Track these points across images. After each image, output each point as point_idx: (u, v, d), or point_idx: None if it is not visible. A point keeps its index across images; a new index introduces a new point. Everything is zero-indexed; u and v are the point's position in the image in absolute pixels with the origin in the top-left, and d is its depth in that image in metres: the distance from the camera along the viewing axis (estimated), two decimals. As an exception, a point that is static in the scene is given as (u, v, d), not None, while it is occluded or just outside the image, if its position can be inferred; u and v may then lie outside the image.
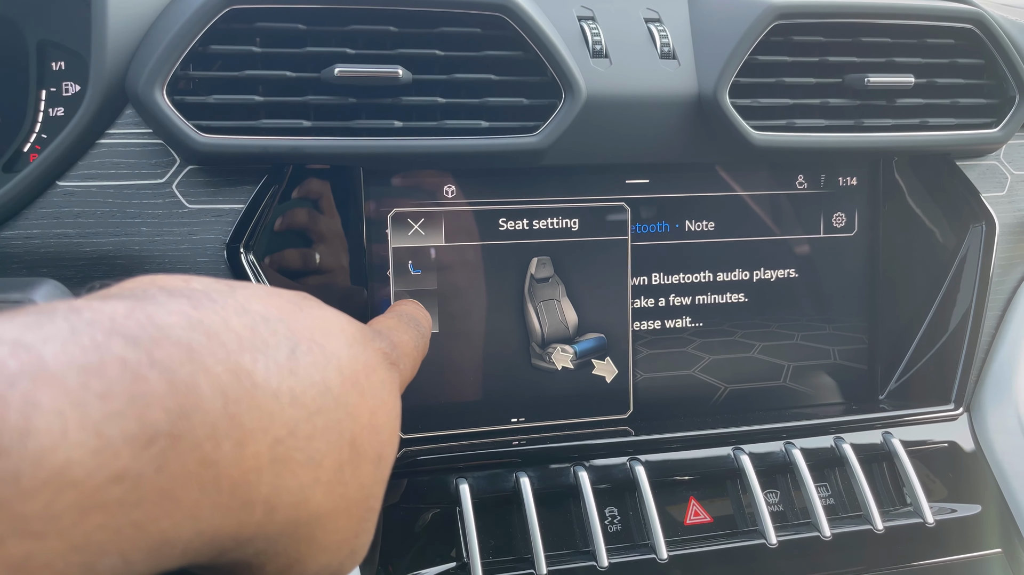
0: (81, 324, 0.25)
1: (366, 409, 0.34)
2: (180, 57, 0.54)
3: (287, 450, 0.29)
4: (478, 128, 0.59)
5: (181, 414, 0.25)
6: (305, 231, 0.60)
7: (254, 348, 0.29)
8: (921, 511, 0.63)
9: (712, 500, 0.63)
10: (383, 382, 0.37)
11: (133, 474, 0.24)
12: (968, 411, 0.70)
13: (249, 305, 0.32)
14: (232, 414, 0.27)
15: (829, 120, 0.66)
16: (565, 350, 0.66)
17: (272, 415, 0.29)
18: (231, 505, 0.27)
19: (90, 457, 0.23)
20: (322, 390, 0.31)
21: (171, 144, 0.56)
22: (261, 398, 0.28)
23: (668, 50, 0.64)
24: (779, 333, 0.70)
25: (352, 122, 0.58)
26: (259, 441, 0.28)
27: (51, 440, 0.22)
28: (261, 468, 0.28)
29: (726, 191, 0.68)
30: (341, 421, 0.32)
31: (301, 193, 0.60)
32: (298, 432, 0.30)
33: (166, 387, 0.25)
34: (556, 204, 0.65)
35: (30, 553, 0.22)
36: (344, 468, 0.32)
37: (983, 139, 0.69)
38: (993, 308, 0.71)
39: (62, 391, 0.23)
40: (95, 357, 0.24)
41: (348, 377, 0.33)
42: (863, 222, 0.72)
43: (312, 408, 0.31)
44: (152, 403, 0.25)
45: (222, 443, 0.26)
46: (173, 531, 0.25)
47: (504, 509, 0.59)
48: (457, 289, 0.63)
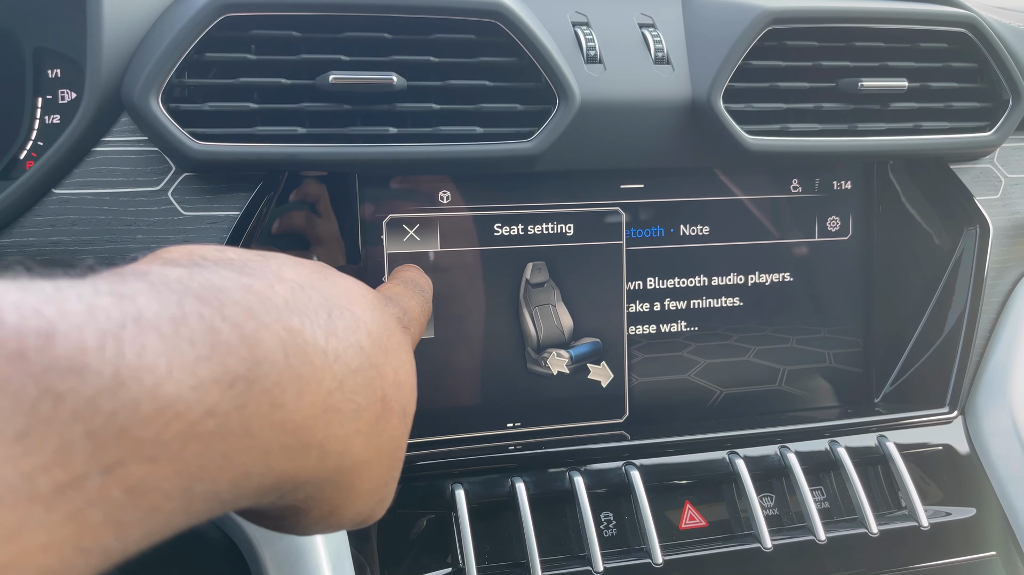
0: (158, 283, 0.28)
1: (391, 368, 0.37)
2: (175, 65, 0.54)
3: (336, 401, 0.32)
4: (473, 134, 0.60)
5: (254, 362, 0.28)
6: (301, 237, 0.60)
7: (298, 311, 0.32)
8: (916, 514, 0.63)
9: (707, 504, 0.63)
10: (400, 343, 0.40)
11: (222, 410, 0.26)
12: (963, 414, 0.70)
13: (283, 273, 0.34)
14: (292, 365, 0.30)
15: (823, 124, 0.66)
16: (560, 355, 0.66)
17: (323, 369, 0.32)
18: (295, 446, 0.30)
19: (189, 392, 0.25)
20: (357, 350, 0.34)
21: (166, 152, 0.56)
22: (312, 354, 0.31)
23: (662, 55, 0.64)
24: (774, 337, 0.70)
25: (347, 129, 0.58)
26: (314, 391, 0.31)
27: (160, 376, 0.25)
28: (316, 415, 0.31)
29: (721, 195, 0.69)
30: (374, 379, 0.35)
31: (296, 200, 0.60)
32: (345, 386, 0.33)
33: (238, 339, 0.28)
34: (551, 209, 0.65)
35: (145, 475, 0.24)
36: (378, 421, 0.35)
37: (977, 143, 0.69)
38: (987, 311, 0.72)
39: (160, 336, 0.25)
40: (178, 310, 0.27)
41: (375, 339, 0.37)
42: (858, 226, 0.72)
43: (353, 366, 0.34)
44: (230, 351, 0.27)
45: (287, 389, 0.29)
46: (251, 464, 0.28)
47: (500, 514, 0.59)
48: (452, 294, 0.64)
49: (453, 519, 0.57)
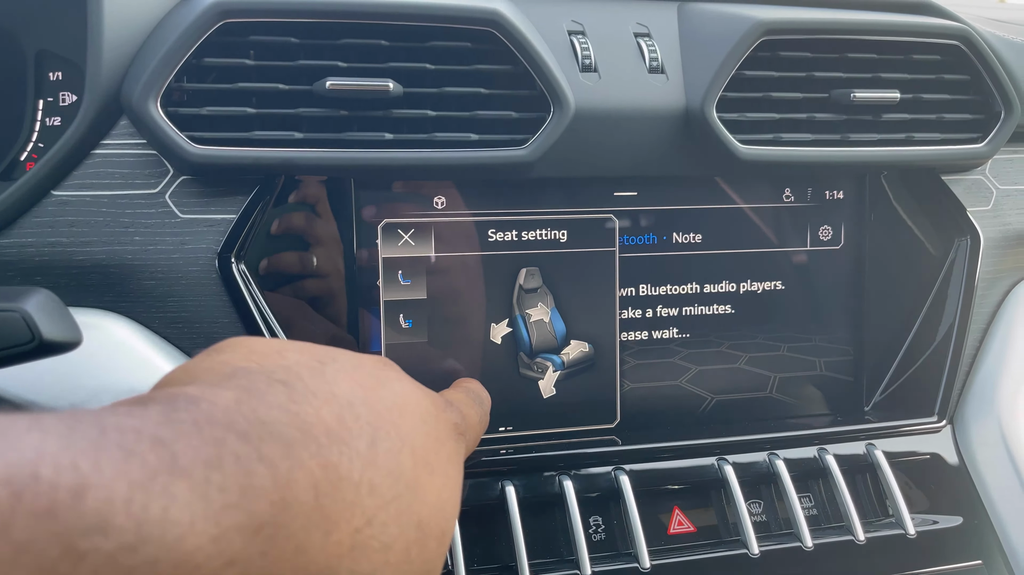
0: (202, 419, 0.28)
1: (433, 489, 0.36)
2: (175, 69, 0.55)
3: (364, 538, 0.31)
4: (468, 141, 0.60)
5: (283, 506, 0.28)
6: (296, 241, 0.61)
7: (340, 441, 0.32)
8: (903, 522, 0.63)
9: (696, 510, 0.64)
10: (450, 455, 0.39)
11: (243, 559, 0.26)
12: (952, 423, 0.71)
13: (337, 388, 0.34)
14: (322, 506, 0.29)
15: (816, 134, 0.67)
16: (551, 362, 0.67)
17: (353, 506, 0.31)
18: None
19: (210, 543, 0.25)
20: (396, 478, 0.34)
21: (164, 155, 0.57)
22: (345, 490, 0.31)
23: (657, 64, 0.65)
24: (766, 344, 0.71)
25: (343, 134, 0.58)
26: (342, 530, 0.30)
27: (183, 530, 0.25)
28: (342, 555, 0.30)
29: (713, 203, 0.69)
30: (411, 505, 0.34)
31: (293, 203, 0.61)
32: (375, 521, 0.32)
33: (271, 481, 0.28)
34: (545, 215, 0.66)
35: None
36: (411, 548, 0.34)
37: (969, 154, 0.70)
38: (977, 322, 0.72)
39: (190, 485, 0.25)
40: (215, 452, 0.27)
41: (420, 458, 0.36)
42: (849, 235, 0.73)
43: (388, 497, 0.33)
44: (260, 495, 0.27)
45: (312, 532, 0.29)
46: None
47: (490, 517, 0.59)
48: (446, 299, 0.64)
49: (443, 521, 0.58)
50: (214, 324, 0.58)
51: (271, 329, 0.58)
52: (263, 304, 0.59)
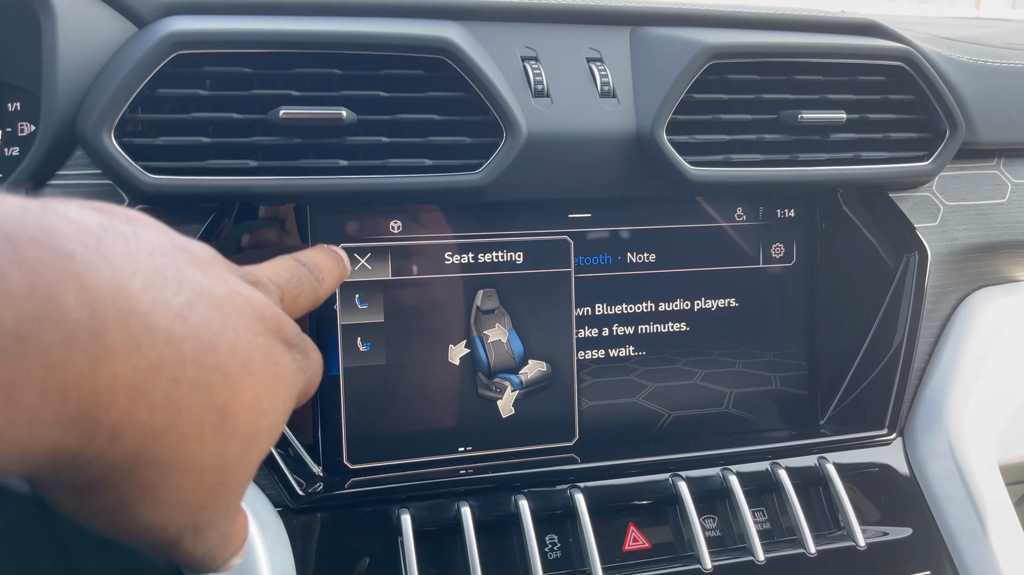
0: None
1: (251, 390, 0.34)
2: (128, 100, 0.56)
3: (147, 382, 0.29)
4: (422, 166, 0.61)
5: (33, 317, 0.26)
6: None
7: (150, 282, 0.30)
8: (853, 535, 0.65)
9: (651, 526, 0.65)
10: (281, 379, 0.36)
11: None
12: (902, 436, 0.72)
13: (172, 252, 0.32)
14: (94, 329, 0.27)
15: (765, 155, 0.68)
16: (509, 382, 0.68)
17: (140, 344, 0.29)
18: (76, 418, 0.27)
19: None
20: (206, 348, 0.31)
21: (120, 185, 0.57)
22: (134, 324, 0.28)
23: (608, 89, 0.66)
24: (721, 360, 0.72)
25: (298, 162, 0.59)
26: (119, 363, 0.28)
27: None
28: (115, 390, 0.28)
29: (667, 224, 0.71)
30: (216, 384, 0.32)
31: (248, 230, 0.62)
32: (162, 370, 0.29)
33: (23, 288, 0.25)
34: (501, 238, 0.67)
35: None
36: (206, 428, 0.32)
37: (915, 172, 0.72)
38: (926, 335, 0.74)
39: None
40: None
41: (242, 355, 0.33)
42: (801, 252, 0.74)
43: (187, 356, 0.30)
44: (3, 301, 0.25)
45: (76, 353, 0.27)
46: (10, 430, 0.25)
47: (446, 538, 0.60)
48: (404, 322, 0.65)
49: (399, 543, 0.59)
50: (170, 351, 0.58)
51: (227, 355, 0.59)
52: (219, 330, 0.59)
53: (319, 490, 0.61)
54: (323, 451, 0.64)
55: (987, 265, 0.77)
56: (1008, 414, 0.73)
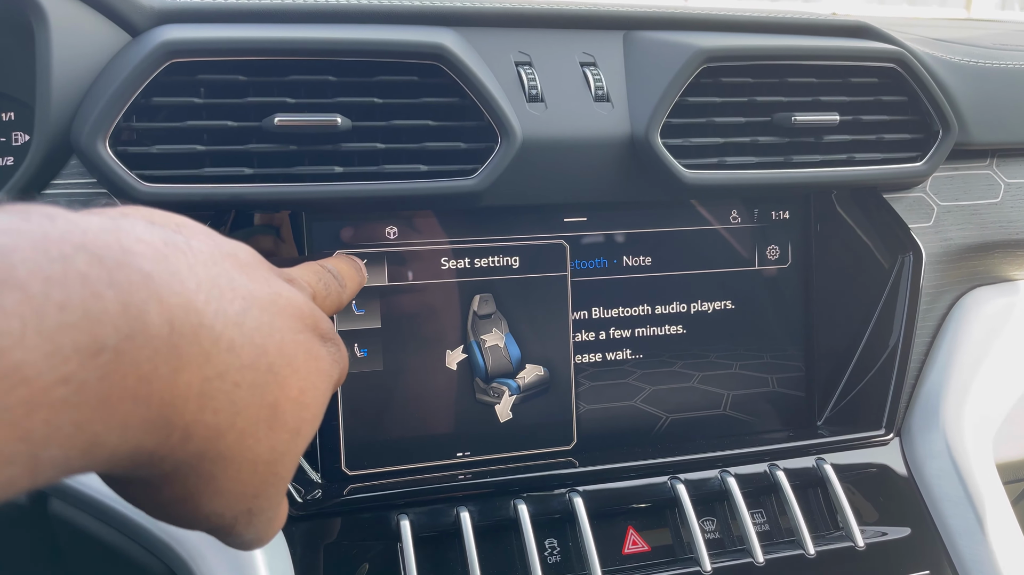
0: (54, 234, 0.27)
1: (296, 385, 0.37)
2: (122, 109, 0.56)
3: (214, 388, 0.32)
4: (417, 172, 0.61)
5: (128, 334, 0.28)
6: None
7: (209, 294, 0.32)
8: (852, 535, 0.65)
9: (651, 529, 0.65)
10: (320, 372, 0.39)
11: (78, 379, 0.26)
12: (899, 436, 0.72)
13: (221, 258, 0.35)
14: (174, 343, 0.30)
15: (759, 157, 0.68)
16: (507, 386, 0.68)
17: (208, 354, 0.31)
18: (156, 422, 0.30)
19: (42, 359, 0.25)
20: (260, 352, 0.34)
21: (115, 193, 0.57)
22: (203, 335, 0.31)
23: (602, 93, 0.67)
24: (718, 363, 0.72)
25: (293, 169, 0.59)
26: (192, 372, 0.31)
27: (10, 341, 0.25)
28: (188, 397, 0.31)
29: (662, 227, 0.71)
30: (268, 384, 0.35)
31: (244, 237, 0.61)
32: (227, 376, 0.32)
33: (119, 307, 0.28)
34: (496, 243, 0.67)
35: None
36: (260, 424, 0.35)
37: (908, 173, 0.72)
38: (922, 335, 0.74)
39: (25, 297, 0.25)
40: (60, 269, 0.26)
41: (288, 352, 0.36)
42: (796, 254, 0.75)
43: (245, 361, 0.33)
44: (104, 320, 0.27)
45: (160, 366, 0.29)
46: (105, 434, 0.28)
47: (446, 544, 0.60)
48: (401, 327, 0.65)
49: (399, 550, 0.59)
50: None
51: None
52: (216, 338, 0.59)
53: (318, 497, 0.60)
54: (321, 458, 0.64)
55: (981, 265, 0.78)
56: (1005, 413, 0.74)
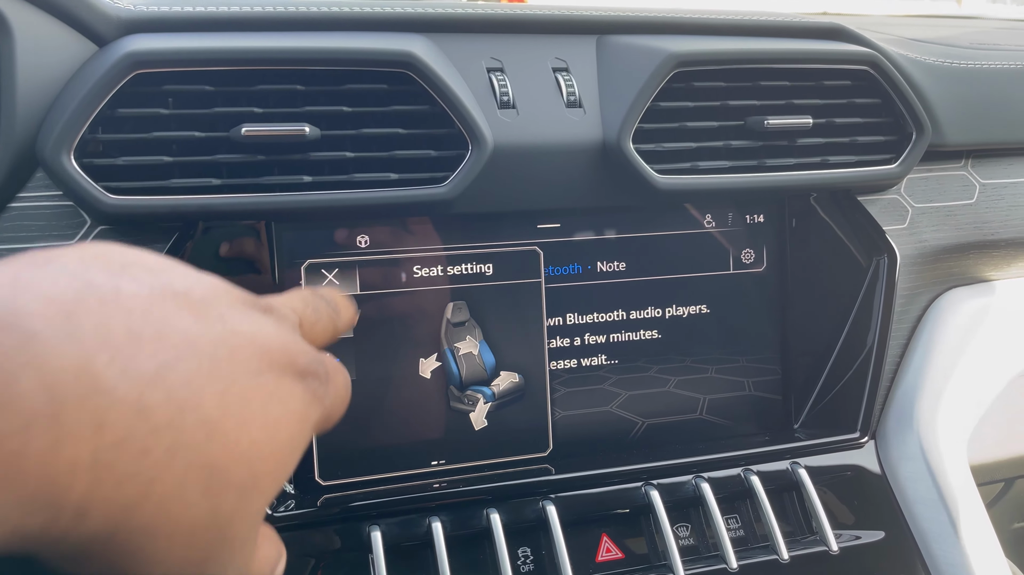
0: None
1: (246, 437, 0.32)
2: (87, 121, 0.55)
3: (111, 459, 0.28)
4: (387, 180, 0.61)
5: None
6: (220, 285, 0.61)
7: (118, 352, 0.29)
8: (826, 539, 0.65)
9: (625, 536, 0.65)
10: (288, 416, 0.35)
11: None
12: (875, 439, 0.73)
13: (159, 306, 0.31)
14: (53, 413, 0.26)
15: (732, 161, 0.68)
16: (481, 394, 0.67)
17: (103, 423, 0.28)
18: (36, 502, 0.27)
19: None
20: (186, 409, 0.30)
21: (81, 206, 0.57)
22: (96, 402, 0.28)
23: (574, 99, 0.66)
24: (694, 367, 0.72)
25: (262, 179, 0.59)
26: (79, 445, 0.27)
27: None
28: (76, 471, 0.27)
29: (636, 232, 0.71)
30: (198, 443, 0.30)
31: (213, 249, 0.61)
32: (130, 443, 0.28)
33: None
34: (469, 250, 0.67)
35: None
36: (190, 489, 0.30)
37: (882, 175, 0.72)
38: (898, 337, 0.74)
39: None
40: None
41: (233, 403, 0.32)
42: (771, 257, 0.74)
43: (159, 423, 0.29)
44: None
45: (34, 440, 0.26)
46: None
47: (418, 555, 0.60)
48: (373, 336, 0.65)
49: (370, 562, 0.58)
50: (135, 373, 0.58)
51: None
52: (185, 350, 0.59)
53: (290, 508, 0.60)
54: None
55: (957, 266, 0.78)
56: (980, 414, 0.74)
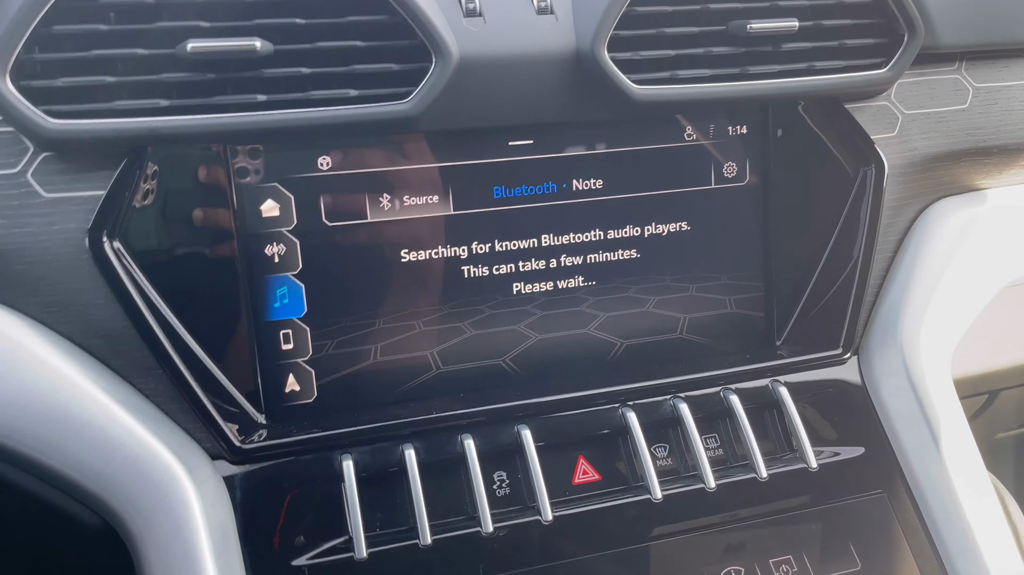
0: None
1: None
2: (21, 40, 0.52)
3: None
4: (347, 97, 0.58)
5: None
6: (173, 214, 0.59)
7: None
8: (805, 456, 0.64)
9: (602, 459, 0.64)
10: None
11: None
12: (857, 355, 0.71)
13: None
14: None
15: (714, 69, 0.65)
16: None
17: None
18: None
19: None
20: None
21: (21, 131, 0.54)
22: None
23: (545, 5, 0.62)
24: (674, 286, 0.70)
25: (213, 99, 0.56)
26: None
27: None
28: None
29: (613, 147, 0.68)
30: None
31: (165, 174, 0.58)
32: None
33: None
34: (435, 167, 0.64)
35: None
36: None
37: (872, 80, 0.68)
38: (883, 251, 0.72)
39: None
40: None
41: None
42: (754, 170, 0.72)
43: None
44: None
45: None
46: None
47: (392, 482, 0.59)
48: (333, 269, 0.63)
49: (343, 491, 0.58)
50: (91, 306, 0.56)
51: (151, 306, 0.57)
52: (144, 282, 0.57)
53: (261, 438, 0.59)
54: (264, 397, 0.62)
55: (947, 175, 0.75)
56: (966, 326, 0.72)
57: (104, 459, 0.52)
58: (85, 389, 0.54)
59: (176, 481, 0.53)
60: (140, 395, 0.57)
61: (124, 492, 0.52)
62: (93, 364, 0.56)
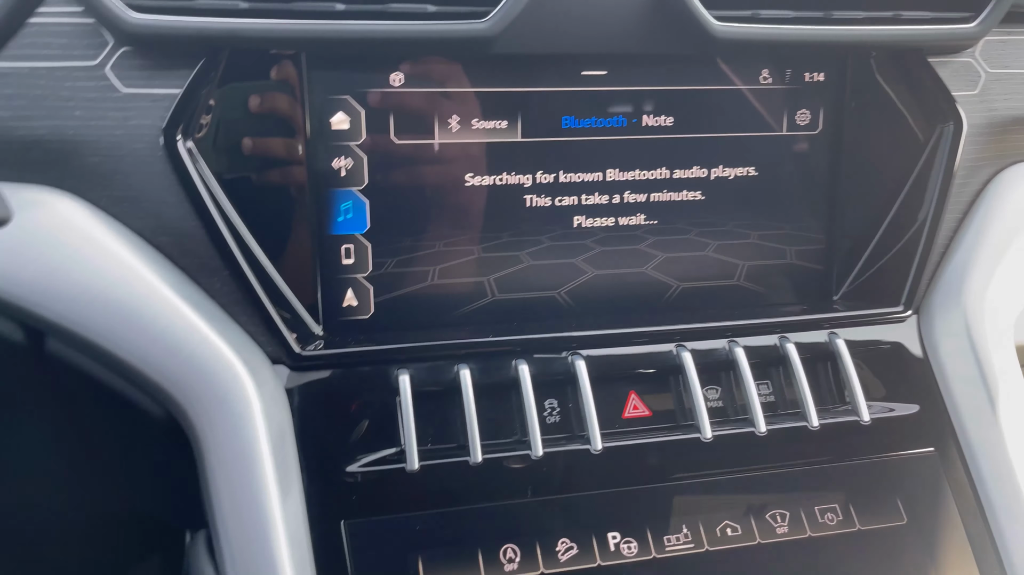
0: None
1: None
2: (108, -71, 0.52)
3: None
4: (424, 12, 0.57)
5: None
6: (247, 119, 0.59)
7: None
8: (858, 409, 0.64)
9: (653, 395, 0.64)
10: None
11: None
12: (918, 314, 0.70)
13: None
14: None
15: (796, 12, 0.63)
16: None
17: None
18: None
19: None
20: None
21: (103, 23, 0.54)
22: None
23: (630, -69, 0.61)
24: (735, 232, 0.70)
25: (292, 4, 0.55)
26: None
27: None
28: None
29: (686, 85, 0.66)
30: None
31: (242, 78, 0.58)
32: None
33: None
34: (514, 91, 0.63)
35: None
36: None
37: (958, 34, 0.66)
38: (954, 211, 0.70)
39: None
40: None
41: None
42: (828, 120, 0.70)
43: None
44: None
45: None
46: None
47: (445, 400, 0.60)
48: (398, 187, 0.62)
49: (398, 403, 0.58)
50: (161, 204, 0.56)
51: (220, 208, 0.57)
52: (212, 184, 0.57)
53: (319, 348, 0.60)
54: (323, 309, 0.62)
55: (1026, 139, 0.73)
56: (1031, 295, 0.71)
57: (170, 353, 0.53)
58: (153, 284, 0.54)
59: (238, 379, 0.54)
60: (205, 295, 0.57)
61: (188, 386, 0.53)
62: (162, 260, 0.56)
